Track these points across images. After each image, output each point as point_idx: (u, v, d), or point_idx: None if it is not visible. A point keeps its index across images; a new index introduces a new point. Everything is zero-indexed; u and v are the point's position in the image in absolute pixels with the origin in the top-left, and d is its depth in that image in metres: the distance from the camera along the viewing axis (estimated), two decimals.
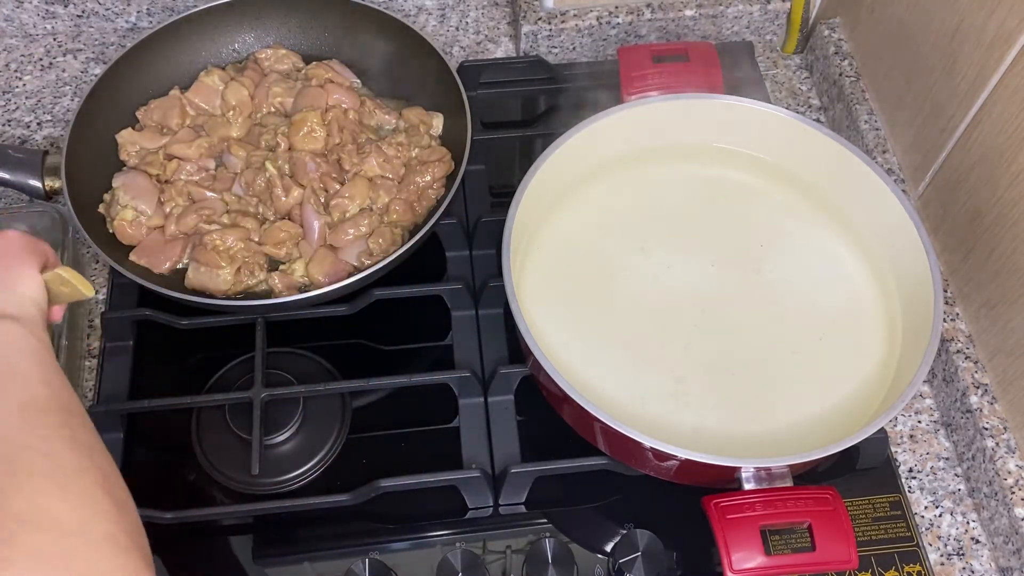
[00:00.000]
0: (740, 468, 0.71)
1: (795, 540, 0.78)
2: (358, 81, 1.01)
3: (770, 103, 0.92)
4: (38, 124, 1.04)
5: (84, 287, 0.69)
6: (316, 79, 0.98)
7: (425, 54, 0.96)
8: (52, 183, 0.88)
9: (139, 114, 0.96)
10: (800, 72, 1.13)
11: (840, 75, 1.04)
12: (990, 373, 0.84)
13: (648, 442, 0.69)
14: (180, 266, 0.89)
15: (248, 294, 0.87)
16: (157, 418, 0.86)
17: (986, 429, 0.81)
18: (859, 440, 0.71)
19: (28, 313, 0.62)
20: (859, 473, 0.84)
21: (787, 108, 0.94)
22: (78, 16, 1.10)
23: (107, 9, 1.10)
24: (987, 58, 0.80)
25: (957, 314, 0.88)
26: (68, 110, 1.06)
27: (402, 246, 0.85)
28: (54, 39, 1.11)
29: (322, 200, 0.90)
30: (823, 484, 0.73)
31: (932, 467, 0.86)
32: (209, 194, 0.91)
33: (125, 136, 0.94)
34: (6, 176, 0.88)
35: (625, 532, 0.77)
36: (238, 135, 0.95)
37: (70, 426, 0.55)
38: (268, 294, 0.87)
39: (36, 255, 0.66)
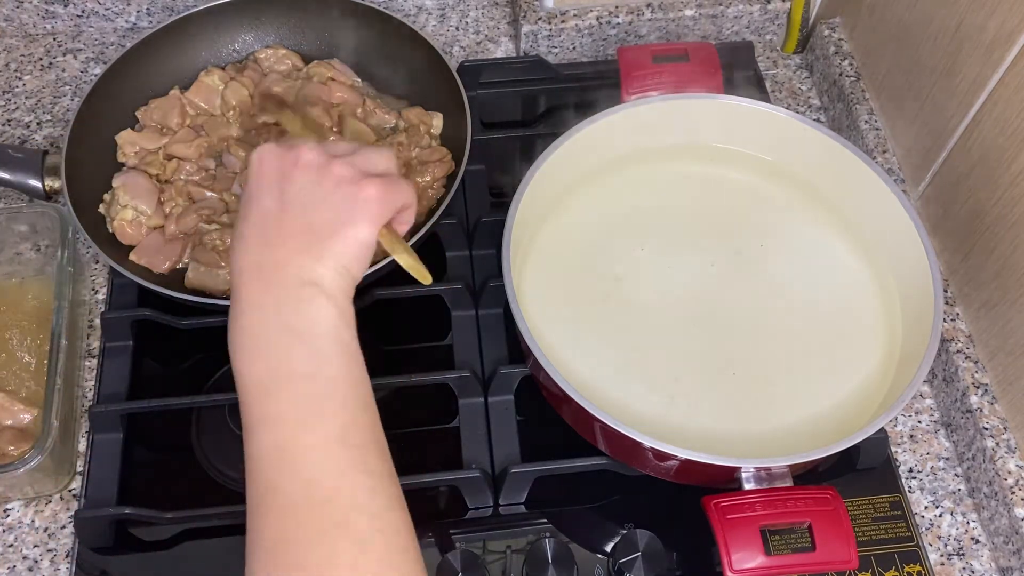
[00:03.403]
0: (740, 468, 0.71)
1: (795, 540, 0.78)
2: (359, 80, 1.01)
3: (770, 103, 0.92)
4: (38, 124, 1.04)
5: (421, 276, 0.63)
6: (318, 77, 0.98)
7: (425, 54, 0.96)
8: (52, 183, 0.88)
9: (139, 114, 0.96)
10: (800, 72, 1.13)
11: (840, 75, 1.04)
12: (990, 373, 0.84)
13: (648, 442, 0.69)
14: (180, 266, 0.89)
15: None
16: (157, 418, 0.85)
17: (986, 429, 0.81)
18: (859, 440, 0.71)
19: (338, 286, 0.55)
20: (859, 473, 0.84)
21: (787, 108, 0.94)
22: (78, 16, 1.10)
23: (107, 9, 1.10)
24: (987, 58, 0.80)
25: (957, 314, 0.88)
26: (68, 110, 1.05)
27: None
28: (54, 39, 1.11)
29: None
30: (823, 484, 0.73)
31: (932, 467, 0.86)
32: (209, 194, 0.91)
33: (125, 136, 0.94)
34: (6, 176, 0.88)
35: (625, 532, 0.77)
36: (238, 135, 0.95)
37: (369, 458, 0.52)
38: None
39: (389, 210, 0.58)
